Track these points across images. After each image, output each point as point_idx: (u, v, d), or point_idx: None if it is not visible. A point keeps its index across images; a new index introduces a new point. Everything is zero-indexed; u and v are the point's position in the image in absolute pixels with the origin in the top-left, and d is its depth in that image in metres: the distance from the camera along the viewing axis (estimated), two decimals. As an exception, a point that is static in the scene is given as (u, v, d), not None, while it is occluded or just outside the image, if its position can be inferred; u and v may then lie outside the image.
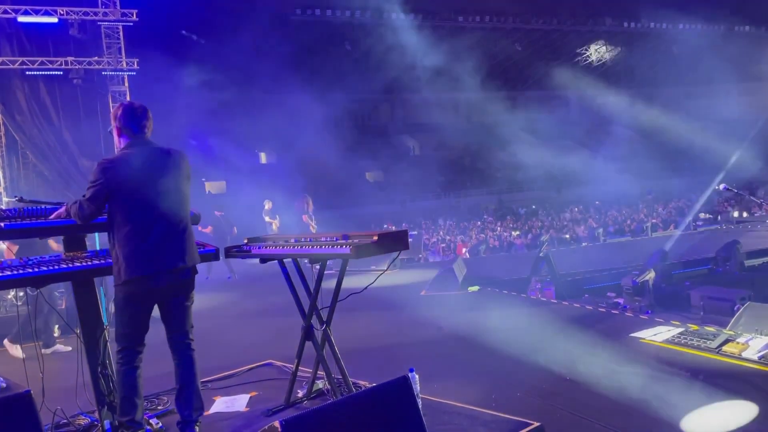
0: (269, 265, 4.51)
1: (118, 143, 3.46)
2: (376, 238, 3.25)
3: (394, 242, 3.38)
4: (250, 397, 4.05)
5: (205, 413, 3.67)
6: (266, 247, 3.79)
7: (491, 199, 32.09)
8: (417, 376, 3.55)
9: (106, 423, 3.46)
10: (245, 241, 3.99)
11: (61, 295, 8.29)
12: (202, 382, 3.95)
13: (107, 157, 3.42)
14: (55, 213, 3.45)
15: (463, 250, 15.44)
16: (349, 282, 3.90)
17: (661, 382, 4.40)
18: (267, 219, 13.93)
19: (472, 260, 13.44)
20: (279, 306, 8.07)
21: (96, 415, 3.64)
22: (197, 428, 3.34)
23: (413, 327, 6.72)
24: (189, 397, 3.37)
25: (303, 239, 3.68)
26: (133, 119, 3.37)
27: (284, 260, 3.88)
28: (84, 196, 3.29)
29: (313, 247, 3.50)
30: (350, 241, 3.34)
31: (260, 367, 4.86)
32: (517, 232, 18.75)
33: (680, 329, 5.65)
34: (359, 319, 6.87)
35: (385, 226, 23.63)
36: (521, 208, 28.39)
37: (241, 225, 14.26)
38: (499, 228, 20.64)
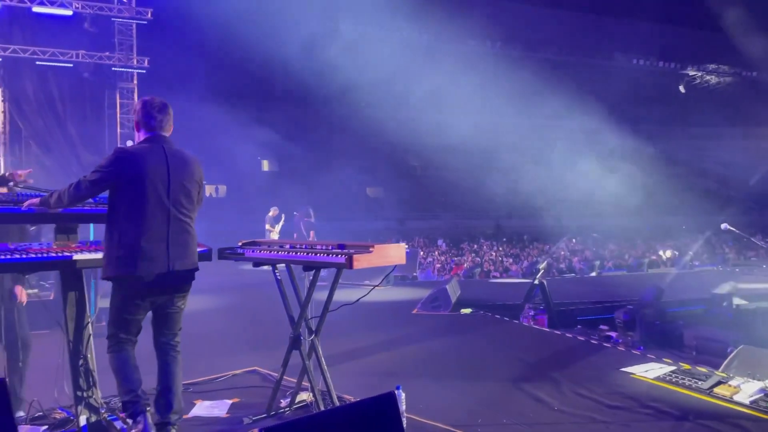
0: (263, 272, 4.44)
1: (137, 137, 3.43)
2: (372, 249, 3.20)
3: (390, 255, 3.33)
4: (232, 403, 3.97)
5: (184, 416, 3.59)
6: (260, 251, 3.74)
7: (489, 224, 32.07)
8: (403, 395, 3.48)
9: (83, 419, 3.37)
10: (240, 243, 3.93)
11: (51, 286, 8.21)
12: (185, 384, 3.87)
13: (123, 146, 3.35)
14: (28, 202, 3.35)
15: (460, 272, 15.37)
16: (341, 295, 3.84)
17: (651, 420, 4.32)
18: (267, 226, 13.84)
19: (465, 283, 13.34)
20: (269, 313, 7.99)
21: (73, 410, 3.57)
22: (174, 431, 3.26)
23: (402, 345, 6.64)
24: (170, 401, 3.29)
25: (298, 246, 3.63)
26: (149, 114, 3.33)
27: (278, 267, 3.83)
28: (85, 176, 3.18)
29: (308, 254, 3.45)
30: (346, 250, 3.29)
31: (245, 373, 4.78)
32: (510, 259, 18.69)
33: (672, 367, 5.58)
34: (348, 332, 6.79)
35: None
36: (522, 234, 28.36)
37: (240, 230, 14.18)
38: (494, 253, 20.57)
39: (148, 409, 3.26)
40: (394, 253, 3.36)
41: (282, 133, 27.79)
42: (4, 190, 4.00)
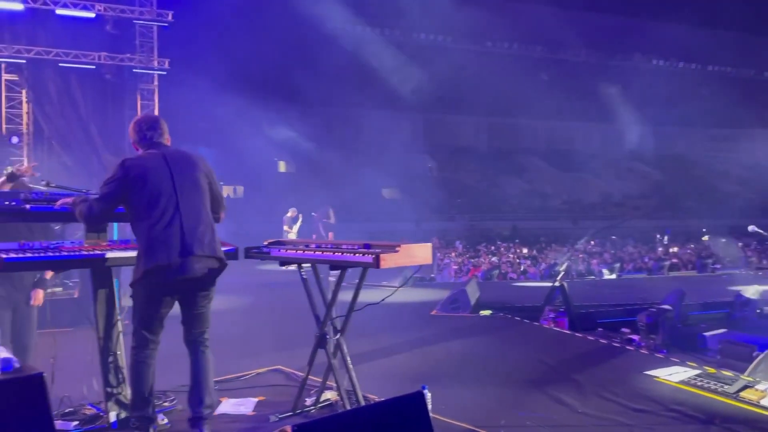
0: (281, 272, 4.47)
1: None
2: (398, 249, 3.21)
3: (416, 255, 3.34)
4: (257, 402, 4.01)
5: (212, 413, 3.62)
6: (286, 251, 3.76)
7: (505, 225, 31.93)
8: (429, 394, 3.48)
9: (112, 415, 3.42)
10: (265, 243, 3.97)
11: (75, 285, 8.32)
12: (210, 382, 3.91)
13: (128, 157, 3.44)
14: (61, 201, 3.45)
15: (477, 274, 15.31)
16: (360, 296, 3.82)
17: (676, 424, 4.28)
18: (285, 227, 13.93)
19: (484, 284, 13.29)
20: (288, 313, 8.04)
21: (102, 406, 3.62)
22: (207, 426, 3.30)
23: (422, 345, 6.63)
24: (202, 395, 3.34)
25: (324, 245, 3.66)
26: (140, 132, 3.44)
27: (303, 266, 3.85)
28: (94, 197, 3.30)
29: (334, 253, 3.47)
30: (372, 250, 3.30)
31: (269, 372, 4.82)
32: (528, 262, 18.58)
33: (697, 371, 5.52)
34: (368, 332, 6.78)
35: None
36: (539, 236, 28.20)
37: (257, 230, 14.28)
38: (512, 255, 20.48)
39: (151, 429, 3.36)
40: (420, 252, 3.37)
41: (298, 134, 27.93)
42: (10, 185, 4.11)
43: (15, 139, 14.65)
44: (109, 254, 3.35)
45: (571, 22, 31.19)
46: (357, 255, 3.30)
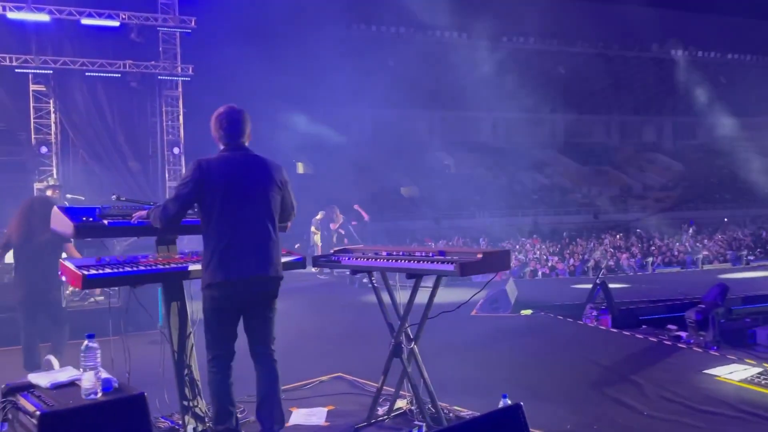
0: (312, 274, 4.43)
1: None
2: (480, 256, 3.17)
3: (497, 261, 3.29)
4: (328, 411, 3.98)
5: (285, 424, 3.60)
6: (356, 259, 3.73)
7: (526, 221, 31.73)
8: (509, 402, 3.42)
9: (190, 429, 3.41)
10: (332, 251, 3.94)
11: (114, 293, 8.35)
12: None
13: (202, 157, 3.37)
14: (137, 214, 3.42)
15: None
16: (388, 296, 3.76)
17: (747, 425, 4.19)
18: (312, 229, 13.91)
19: (518, 282, 13.12)
20: (331, 316, 7.99)
21: (176, 418, 3.62)
22: None
23: (471, 348, 6.57)
24: (271, 409, 3.30)
25: (395, 253, 3.61)
26: (219, 126, 3.34)
27: (374, 273, 3.81)
28: (170, 196, 3.26)
29: (409, 261, 3.42)
30: (452, 257, 3.26)
31: (331, 380, 4.79)
32: (556, 258, 18.40)
33: (758, 369, 5.42)
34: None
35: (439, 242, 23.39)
36: (563, 231, 27.99)
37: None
38: (538, 251, 20.32)
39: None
40: (501, 258, 3.32)
41: (316, 135, 27.94)
42: None
43: (44, 149, 14.78)
44: (193, 267, 3.34)
45: (586, 14, 30.93)
46: (436, 263, 3.26)
